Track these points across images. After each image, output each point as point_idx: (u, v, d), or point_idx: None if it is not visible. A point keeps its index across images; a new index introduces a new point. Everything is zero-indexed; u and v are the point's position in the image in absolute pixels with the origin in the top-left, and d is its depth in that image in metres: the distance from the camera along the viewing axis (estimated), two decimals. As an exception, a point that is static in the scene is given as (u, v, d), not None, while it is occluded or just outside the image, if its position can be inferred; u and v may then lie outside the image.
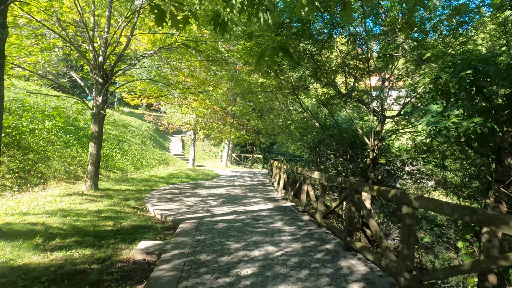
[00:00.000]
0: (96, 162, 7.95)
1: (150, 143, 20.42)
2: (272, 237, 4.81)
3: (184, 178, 12.92)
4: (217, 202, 7.83)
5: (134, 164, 13.85)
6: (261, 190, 10.94)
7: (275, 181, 11.79)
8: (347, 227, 4.40)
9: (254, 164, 28.68)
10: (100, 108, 7.82)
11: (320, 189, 5.80)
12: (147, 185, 10.10)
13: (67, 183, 8.61)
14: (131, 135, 18.67)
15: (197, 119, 17.46)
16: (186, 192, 9.24)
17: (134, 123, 23.10)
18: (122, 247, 4.08)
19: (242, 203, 7.92)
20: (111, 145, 14.25)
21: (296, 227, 5.56)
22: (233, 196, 9.06)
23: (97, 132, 7.95)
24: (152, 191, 8.93)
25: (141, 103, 15.87)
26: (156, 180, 11.34)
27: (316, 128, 11.92)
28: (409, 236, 3.08)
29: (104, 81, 7.88)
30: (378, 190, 3.70)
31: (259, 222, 5.81)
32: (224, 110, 19.97)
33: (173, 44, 7.99)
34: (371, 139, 9.48)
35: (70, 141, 11.46)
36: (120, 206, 6.61)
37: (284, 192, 9.49)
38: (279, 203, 8.19)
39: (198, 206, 7.10)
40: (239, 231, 5.05)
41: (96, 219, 5.27)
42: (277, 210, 7.23)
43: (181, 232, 4.74)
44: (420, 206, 2.95)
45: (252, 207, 7.37)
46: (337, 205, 5.32)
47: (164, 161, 18.04)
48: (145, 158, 16.14)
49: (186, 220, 5.53)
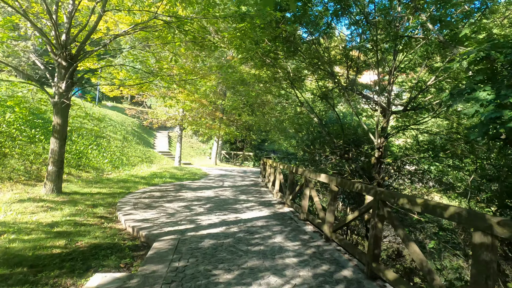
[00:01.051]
0: (58, 161, 6.66)
1: (133, 139, 18.97)
2: (273, 259, 3.74)
3: (168, 178, 11.69)
4: (204, 208, 6.69)
5: (113, 163, 12.49)
6: (254, 192, 9.86)
7: (269, 181, 10.73)
8: (372, 249, 3.38)
9: (244, 162, 27.58)
10: (63, 97, 6.51)
11: (329, 195, 4.77)
12: (124, 187, 8.83)
13: (25, 185, 7.27)
14: (111, 130, 17.19)
15: (184, 114, 16.17)
16: (168, 195, 8.05)
17: (116, 118, 21.54)
18: (67, 284, 2.91)
19: (233, 209, 6.82)
20: (86, 141, 12.82)
21: (300, 243, 4.51)
22: (223, 200, 7.94)
23: (60, 125, 6.64)
24: (129, 195, 7.69)
25: (122, 95, 14.45)
26: (136, 181, 10.07)
27: (313, 124, 10.93)
28: (487, 279, 2.07)
29: (69, 64, 6.57)
30: (424, 205, 2.68)
31: (255, 236, 4.73)
32: (213, 104, 18.73)
33: (151, 21, 6.74)
34: (376, 136, 8.55)
35: (36, 136, 10.03)
36: (84, 215, 5.39)
37: (281, 195, 8.45)
38: (275, 209, 7.14)
39: (181, 214, 5.95)
40: (231, 251, 3.95)
41: (43, 237, 4.05)
42: (275, 218, 6.17)
43: (154, 256, 3.60)
44: (510, 235, 1.94)
45: (245, 215, 6.28)
46: (355, 218, 4.30)
47: (147, 159, 16.69)
48: (126, 155, 14.76)
49: (163, 236, 4.38)
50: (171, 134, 28.63)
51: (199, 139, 30.80)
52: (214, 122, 18.68)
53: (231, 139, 22.03)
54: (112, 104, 32.87)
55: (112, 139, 15.70)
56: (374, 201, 3.44)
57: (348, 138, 9.54)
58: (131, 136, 19.47)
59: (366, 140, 10.75)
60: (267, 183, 11.38)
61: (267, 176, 11.58)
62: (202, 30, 6.98)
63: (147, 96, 16.08)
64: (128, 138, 18.49)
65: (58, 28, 6.40)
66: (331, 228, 4.62)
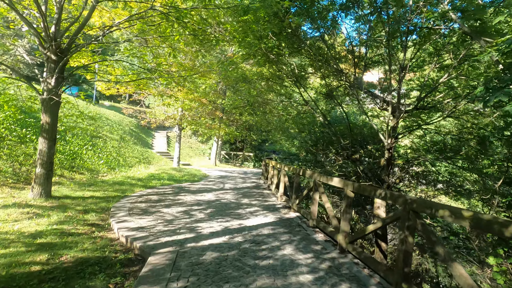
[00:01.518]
0: (47, 162, 6.16)
1: (130, 140, 18.45)
2: (285, 277, 3.27)
3: (167, 180, 11.20)
4: (205, 214, 6.22)
5: (109, 164, 11.99)
6: (257, 195, 9.39)
7: (272, 184, 10.27)
8: (402, 266, 2.91)
9: (244, 162, 27.10)
10: (52, 93, 6.02)
11: (345, 202, 4.30)
12: (120, 189, 8.34)
13: (13, 188, 6.77)
14: (108, 130, 16.67)
15: (183, 113, 15.67)
16: (166, 199, 7.56)
17: (113, 117, 21.02)
18: (43, 313, 2.43)
19: (236, 214, 6.34)
20: (81, 141, 12.31)
21: (313, 255, 4.04)
22: (224, 204, 7.46)
23: (49, 124, 6.14)
24: (124, 199, 7.20)
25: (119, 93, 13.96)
26: (132, 183, 9.58)
27: (318, 123, 10.47)
28: None
29: (58, 58, 6.08)
30: (474, 219, 2.20)
31: (262, 247, 4.26)
32: (213, 104, 18.25)
33: (147, 13, 6.25)
34: (386, 136, 8.09)
35: (27, 136, 9.52)
36: (73, 223, 4.90)
37: (286, 198, 7.98)
38: (281, 214, 6.67)
39: (180, 221, 5.47)
40: (237, 267, 3.48)
41: (23, 251, 3.57)
42: (281, 224, 5.71)
43: (149, 274, 3.12)
44: None
45: (250, 221, 5.81)
46: (376, 229, 3.83)
47: (145, 160, 16.18)
48: (123, 156, 14.25)
49: (160, 248, 3.90)
50: (170, 134, 28.10)
51: (198, 139, 30.29)
52: (214, 122, 18.19)
53: (231, 139, 21.53)
54: (110, 103, 32.33)
55: (109, 139, 15.19)
56: (404, 212, 2.97)
57: (356, 138, 9.07)
58: (129, 136, 18.94)
59: (372, 140, 10.30)
60: (270, 185, 10.91)
61: (269, 178, 11.11)
62: (203, 22, 6.50)
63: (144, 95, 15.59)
64: (126, 138, 17.97)
65: (47, 19, 5.91)
66: (347, 239, 4.16)
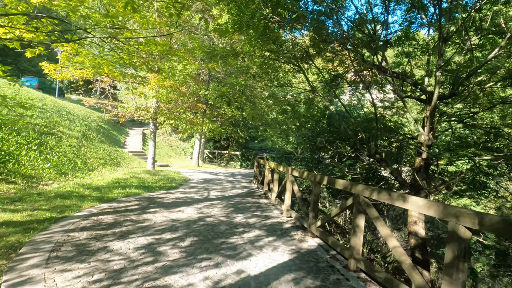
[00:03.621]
0: None
1: (96, 137, 15.65)
2: None
3: (134, 188, 8.75)
4: (180, 249, 3.94)
5: (59, 167, 9.34)
6: (252, 207, 7.18)
7: (272, 192, 8.12)
8: None
9: (230, 162, 24.81)
10: None
11: (453, 248, 2.22)
12: (60, 206, 5.86)
13: None
14: (66, 126, 13.82)
15: (158, 105, 13.14)
16: (125, 221, 5.19)
17: (78, 112, 18.05)
18: None
19: (230, 248, 4.12)
20: (24, 138, 9.56)
21: None
22: (211, 227, 5.20)
23: None
24: (58, 223, 4.77)
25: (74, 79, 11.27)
26: (84, 195, 7.08)
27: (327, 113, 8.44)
28: None
29: None
30: None
31: None
32: (194, 95, 15.80)
33: None
34: (426, 130, 6.15)
35: None
36: None
37: (295, 215, 5.84)
38: (295, 242, 4.52)
39: (136, 270, 3.17)
40: None
41: None
42: (304, 267, 3.55)
43: None
44: None
45: (254, 262, 3.61)
46: None
47: (112, 161, 13.51)
48: (82, 157, 11.56)
49: None
50: (147, 131, 25.24)
51: (178, 137, 27.63)
52: (196, 117, 15.76)
53: (215, 137, 19.17)
54: (78, 97, 28.93)
55: (66, 137, 12.40)
56: None
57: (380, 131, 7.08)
58: (94, 133, 16.11)
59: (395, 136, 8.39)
60: (267, 192, 8.74)
61: (266, 183, 8.93)
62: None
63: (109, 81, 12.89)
64: (90, 135, 15.15)
65: None
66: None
